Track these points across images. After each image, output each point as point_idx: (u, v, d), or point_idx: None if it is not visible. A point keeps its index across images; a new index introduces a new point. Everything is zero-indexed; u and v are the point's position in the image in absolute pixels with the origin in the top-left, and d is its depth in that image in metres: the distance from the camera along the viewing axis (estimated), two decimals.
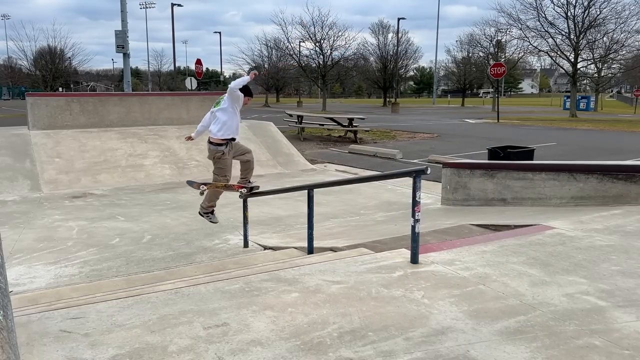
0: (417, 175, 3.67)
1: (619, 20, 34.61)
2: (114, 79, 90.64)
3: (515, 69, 51.98)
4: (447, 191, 7.53)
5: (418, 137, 20.99)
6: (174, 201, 8.96)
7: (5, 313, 1.87)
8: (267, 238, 6.43)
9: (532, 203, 6.55)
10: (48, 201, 8.97)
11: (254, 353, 2.47)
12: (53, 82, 51.56)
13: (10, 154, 10.69)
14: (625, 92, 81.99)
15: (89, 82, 78.52)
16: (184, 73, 71.65)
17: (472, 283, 3.38)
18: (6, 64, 67.66)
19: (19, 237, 6.64)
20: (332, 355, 2.45)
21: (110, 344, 2.56)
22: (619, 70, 41.28)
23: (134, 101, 13.59)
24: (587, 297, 3.13)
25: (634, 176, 5.79)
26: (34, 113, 12.10)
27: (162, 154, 11.95)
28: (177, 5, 47.06)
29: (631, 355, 2.45)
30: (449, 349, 2.50)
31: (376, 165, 13.27)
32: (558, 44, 36.49)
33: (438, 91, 78.61)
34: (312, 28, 45.95)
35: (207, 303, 3.08)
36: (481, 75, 54.82)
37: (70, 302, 3.31)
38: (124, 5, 21.38)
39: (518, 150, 10.00)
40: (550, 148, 16.77)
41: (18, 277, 5.13)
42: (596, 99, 49.77)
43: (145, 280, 4.50)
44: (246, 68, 61.99)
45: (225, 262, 5.16)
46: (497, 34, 44.21)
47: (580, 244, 4.25)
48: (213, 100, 15.49)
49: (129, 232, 6.88)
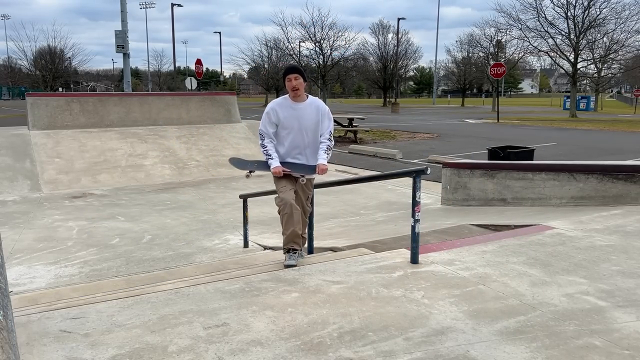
0: (417, 176, 3.67)
1: (619, 20, 34.66)
2: (114, 79, 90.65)
3: (515, 69, 51.96)
4: (447, 191, 7.53)
5: (418, 137, 20.98)
6: (174, 201, 8.96)
7: (5, 313, 1.87)
8: (267, 238, 6.43)
9: (532, 203, 6.55)
10: (48, 201, 8.97)
11: (254, 353, 2.47)
12: (53, 82, 51.59)
13: (10, 154, 10.69)
14: (625, 92, 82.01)
15: (89, 82, 78.54)
16: (184, 73, 71.62)
17: (472, 283, 3.38)
18: (6, 64, 67.66)
19: (19, 237, 6.64)
20: (332, 355, 2.45)
21: (110, 344, 2.56)
22: (619, 70, 41.28)
23: (134, 101, 13.59)
24: (587, 297, 3.13)
25: (633, 176, 5.79)
26: (34, 113, 12.10)
27: (162, 154, 11.94)
28: (177, 5, 47.08)
29: (631, 355, 2.45)
30: (449, 349, 2.50)
31: (376, 165, 13.27)
32: (558, 44, 36.54)
33: (438, 91, 78.63)
34: (312, 28, 46.03)
35: (207, 303, 3.07)
36: (481, 75, 54.80)
37: (70, 302, 3.30)
38: (124, 6, 21.39)
39: (518, 150, 10.00)
40: (550, 148, 16.76)
41: (18, 277, 5.13)
42: (596, 99, 49.78)
43: (145, 280, 4.50)
44: (246, 68, 62.00)
45: (225, 262, 5.16)
46: (497, 34, 44.26)
47: (580, 244, 4.25)
48: (213, 100, 15.58)
49: (129, 232, 6.88)
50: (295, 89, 4.04)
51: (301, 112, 4.09)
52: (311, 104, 4.14)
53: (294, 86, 4.02)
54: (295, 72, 4.04)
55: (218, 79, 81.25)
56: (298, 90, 4.05)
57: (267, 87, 57.57)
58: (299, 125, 4.09)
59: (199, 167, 11.70)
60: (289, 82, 4.03)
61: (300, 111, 4.09)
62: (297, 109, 4.09)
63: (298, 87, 4.03)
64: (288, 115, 4.08)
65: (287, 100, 4.13)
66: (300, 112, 4.09)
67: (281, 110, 4.10)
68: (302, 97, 4.11)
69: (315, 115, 4.11)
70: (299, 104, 4.10)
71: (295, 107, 4.09)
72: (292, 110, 4.09)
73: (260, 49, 54.34)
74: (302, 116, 4.09)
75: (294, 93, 4.06)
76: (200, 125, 13.88)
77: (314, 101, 4.18)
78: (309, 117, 4.10)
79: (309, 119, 4.10)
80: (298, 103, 4.10)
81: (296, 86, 4.03)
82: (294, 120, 4.08)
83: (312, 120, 4.11)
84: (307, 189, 4.32)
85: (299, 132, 4.12)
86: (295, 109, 4.09)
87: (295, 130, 4.11)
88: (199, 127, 13.75)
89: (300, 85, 4.03)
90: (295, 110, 4.09)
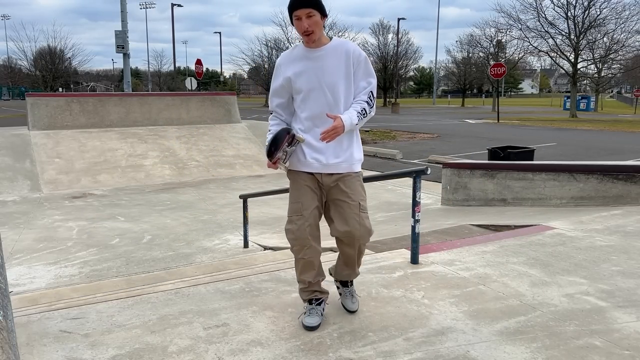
0: (417, 176, 3.67)
1: (619, 20, 34.66)
2: (114, 79, 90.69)
3: (515, 69, 51.96)
4: (447, 191, 7.53)
5: (418, 137, 20.98)
6: (174, 201, 8.96)
7: (5, 313, 1.87)
8: (267, 238, 6.42)
9: (532, 203, 6.55)
10: (48, 201, 8.97)
11: (254, 353, 2.47)
12: (53, 83, 51.60)
13: (10, 154, 10.69)
14: (625, 92, 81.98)
15: (89, 82, 78.55)
16: (184, 73, 71.67)
17: (472, 283, 3.38)
18: (6, 64, 67.69)
19: (19, 238, 6.64)
20: (332, 355, 2.45)
21: (110, 345, 2.56)
22: (619, 70, 41.28)
23: (134, 101, 13.60)
24: (587, 298, 3.13)
25: (634, 176, 5.79)
26: (34, 113, 12.11)
27: (162, 154, 11.95)
28: (177, 5, 47.07)
29: (631, 355, 2.45)
30: (449, 350, 2.50)
31: (376, 165, 13.26)
32: (558, 44, 36.54)
33: (438, 91, 78.65)
34: None
35: (207, 303, 3.07)
36: (481, 75, 54.82)
37: (70, 302, 3.30)
38: (124, 6, 21.40)
39: (518, 151, 9.99)
40: (550, 148, 16.76)
41: (18, 277, 5.13)
42: (596, 99, 49.77)
43: (145, 280, 4.49)
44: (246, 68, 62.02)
45: (225, 263, 5.16)
46: (497, 34, 44.28)
47: (580, 244, 4.24)
48: (213, 100, 15.59)
49: (129, 233, 6.87)
50: (308, 33, 2.56)
51: (322, 61, 2.63)
52: (336, 48, 2.65)
53: (306, 28, 2.54)
54: (306, 6, 2.52)
55: (218, 79, 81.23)
56: (313, 35, 2.57)
57: (267, 87, 57.57)
58: (319, 82, 2.63)
59: (199, 167, 11.70)
60: (299, 22, 2.56)
61: (319, 60, 2.64)
62: (314, 59, 2.64)
63: (312, 28, 2.55)
64: (301, 70, 2.66)
65: (299, 49, 2.71)
66: (320, 61, 2.63)
67: (291, 64, 2.70)
68: (321, 40, 2.64)
69: (344, 65, 2.63)
70: (316, 51, 2.64)
71: (312, 55, 2.65)
72: (306, 62, 2.65)
73: (260, 49, 54.42)
74: (323, 67, 2.63)
75: (308, 38, 2.60)
76: (200, 125, 13.88)
77: (341, 44, 2.66)
78: (333, 68, 2.63)
79: (334, 70, 2.63)
80: (315, 49, 2.65)
81: (309, 28, 2.55)
82: (311, 75, 2.63)
83: (340, 71, 2.63)
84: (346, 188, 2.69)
85: (320, 93, 2.64)
86: (311, 58, 2.64)
87: (315, 90, 2.64)
88: (199, 127, 13.75)
89: (315, 25, 2.55)
90: (312, 60, 2.64)
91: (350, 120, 2.58)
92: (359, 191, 2.73)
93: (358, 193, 2.72)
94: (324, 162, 2.69)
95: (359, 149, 2.81)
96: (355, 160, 2.76)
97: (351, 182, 2.72)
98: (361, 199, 2.72)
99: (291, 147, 2.68)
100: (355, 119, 2.60)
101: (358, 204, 2.70)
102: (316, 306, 2.79)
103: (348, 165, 2.73)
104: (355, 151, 2.76)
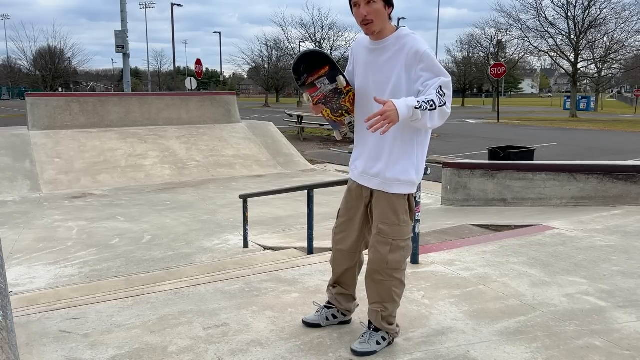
0: None
1: (619, 20, 34.64)
2: (113, 79, 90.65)
3: (515, 69, 51.94)
4: (448, 191, 7.52)
5: None
6: (174, 201, 8.96)
7: (5, 313, 1.87)
8: (267, 238, 6.42)
9: (532, 203, 6.55)
10: (48, 201, 8.97)
11: (254, 353, 2.46)
12: (53, 82, 51.59)
13: (10, 154, 10.69)
14: (625, 92, 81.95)
15: (88, 82, 78.50)
16: (184, 73, 71.62)
17: (473, 283, 3.38)
18: (6, 64, 67.68)
19: (19, 238, 6.64)
20: (332, 355, 2.44)
21: (110, 345, 2.56)
22: (619, 70, 41.27)
23: (133, 101, 13.59)
24: (588, 298, 3.13)
25: (634, 176, 5.79)
26: (33, 113, 12.10)
27: (161, 154, 11.95)
28: (177, 5, 47.05)
29: (631, 355, 2.45)
30: (449, 350, 2.50)
31: None
32: (558, 44, 36.53)
33: None
34: (312, 28, 46.05)
35: (207, 303, 3.07)
36: (481, 75, 54.78)
37: (70, 302, 3.30)
38: (124, 6, 21.38)
39: (518, 151, 9.99)
40: (550, 148, 16.76)
41: (18, 277, 5.13)
42: (596, 99, 49.76)
43: (145, 280, 4.49)
44: (246, 68, 61.99)
45: (225, 263, 5.16)
46: (498, 34, 44.27)
47: (580, 244, 4.24)
48: (213, 100, 15.59)
49: (128, 233, 6.87)
50: (366, 22, 2.25)
51: (375, 56, 2.35)
52: (395, 42, 2.28)
53: (364, 17, 2.23)
54: None
55: (218, 79, 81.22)
56: (371, 25, 2.25)
57: (267, 87, 57.55)
58: (365, 79, 2.38)
59: (198, 167, 11.70)
60: (357, 10, 2.25)
61: (374, 55, 2.35)
62: (373, 52, 2.36)
63: (372, 17, 2.23)
64: (360, 62, 2.43)
65: (368, 39, 2.41)
66: (374, 56, 2.35)
67: (360, 51, 2.45)
68: (383, 32, 2.30)
69: (397, 63, 2.26)
70: (377, 43, 2.34)
71: (373, 47, 2.36)
72: (366, 55, 2.39)
73: (260, 49, 54.35)
74: (374, 63, 2.34)
75: (366, 29, 2.28)
76: (200, 125, 13.88)
77: (402, 38, 2.28)
78: (384, 66, 2.30)
79: (385, 69, 2.30)
80: (376, 42, 2.34)
81: (368, 16, 2.23)
82: (366, 70, 2.38)
83: (391, 71, 2.28)
84: (375, 209, 2.40)
85: (365, 93, 2.38)
86: (371, 50, 2.37)
87: (362, 87, 2.40)
88: (198, 127, 13.75)
89: (375, 15, 2.22)
90: (371, 53, 2.37)
91: (405, 104, 2.05)
92: (385, 214, 2.33)
93: (383, 215, 2.34)
94: (360, 169, 2.41)
95: (412, 165, 2.31)
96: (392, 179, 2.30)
97: (379, 203, 2.36)
98: (383, 222, 2.34)
99: (332, 84, 2.27)
100: (414, 103, 2.06)
101: (377, 226, 2.36)
102: (324, 309, 2.71)
103: (380, 183, 2.33)
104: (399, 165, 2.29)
